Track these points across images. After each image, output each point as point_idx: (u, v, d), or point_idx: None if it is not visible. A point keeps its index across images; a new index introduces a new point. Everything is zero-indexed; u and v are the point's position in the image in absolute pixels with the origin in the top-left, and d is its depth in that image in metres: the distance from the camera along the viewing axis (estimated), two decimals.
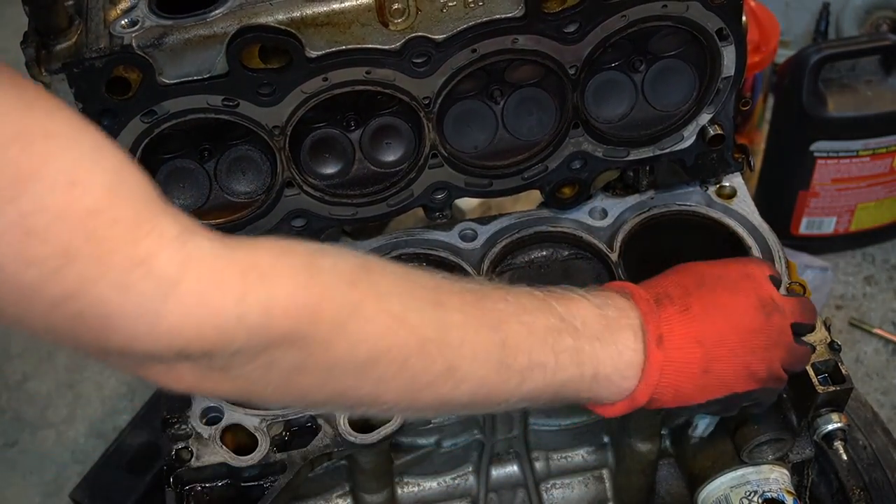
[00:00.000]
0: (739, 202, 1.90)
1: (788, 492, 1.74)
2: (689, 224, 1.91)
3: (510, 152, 1.82)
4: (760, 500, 1.72)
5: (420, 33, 1.60)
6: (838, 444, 1.70)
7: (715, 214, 1.89)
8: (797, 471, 1.86)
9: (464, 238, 1.87)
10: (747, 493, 1.73)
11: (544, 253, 1.89)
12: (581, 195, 1.88)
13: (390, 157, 1.79)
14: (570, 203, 1.89)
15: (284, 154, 1.69)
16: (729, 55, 1.76)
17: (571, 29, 1.65)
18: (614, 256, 1.84)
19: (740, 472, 1.75)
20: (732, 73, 1.78)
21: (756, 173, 3.09)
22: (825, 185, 2.92)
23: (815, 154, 2.85)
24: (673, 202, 1.91)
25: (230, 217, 1.75)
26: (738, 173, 1.94)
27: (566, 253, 1.88)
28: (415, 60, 1.62)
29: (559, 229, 1.88)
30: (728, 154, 1.88)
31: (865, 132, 2.81)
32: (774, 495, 1.72)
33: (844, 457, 1.72)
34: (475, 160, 1.80)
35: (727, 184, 1.92)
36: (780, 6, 3.33)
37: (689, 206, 1.91)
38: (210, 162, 1.74)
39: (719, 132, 1.83)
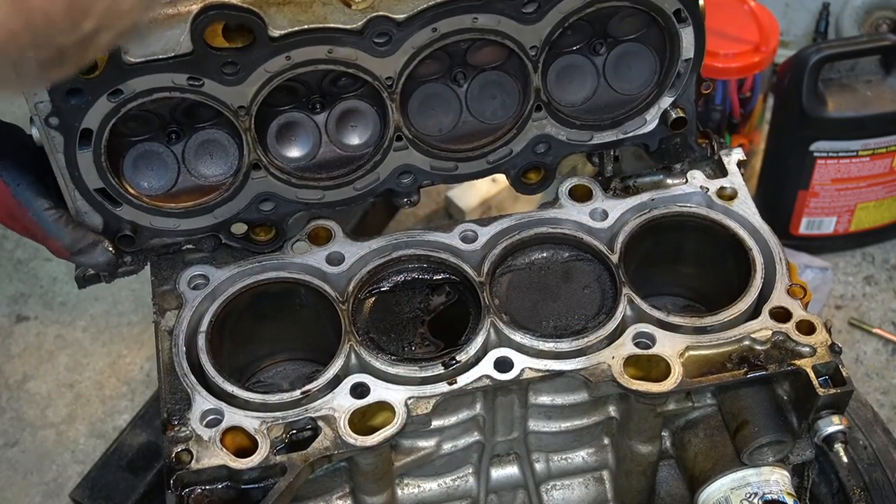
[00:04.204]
0: (740, 204, 1.90)
1: (789, 493, 1.74)
2: (690, 226, 1.91)
3: (475, 135, 1.84)
4: (761, 502, 1.72)
5: (381, 13, 1.62)
6: (839, 447, 1.70)
7: (715, 216, 1.89)
8: (797, 472, 1.86)
9: (464, 239, 1.87)
10: (748, 495, 1.73)
11: (545, 254, 1.89)
12: (547, 180, 1.90)
13: (356, 140, 1.81)
14: (536, 188, 1.91)
15: (250, 135, 1.70)
16: (688, 37, 1.77)
17: (530, 9, 1.67)
18: (615, 258, 1.83)
19: (741, 473, 1.75)
20: (692, 56, 1.79)
21: (756, 173, 3.09)
22: (825, 185, 2.92)
23: (815, 154, 2.85)
24: (673, 203, 1.91)
25: (199, 200, 1.76)
26: (738, 173, 1.94)
27: (567, 254, 1.88)
28: (376, 40, 1.64)
29: (560, 231, 1.88)
30: (692, 139, 1.90)
31: (865, 132, 2.81)
32: (775, 497, 1.72)
33: (845, 459, 1.72)
34: (440, 143, 1.82)
35: (728, 185, 1.92)
36: (780, 6, 3.34)
37: (690, 207, 1.91)
38: (178, 145, 1.76)
39: (681, 115, 1.85)
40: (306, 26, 1.61)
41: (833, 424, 1.69)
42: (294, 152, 1.80)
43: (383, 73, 1.69)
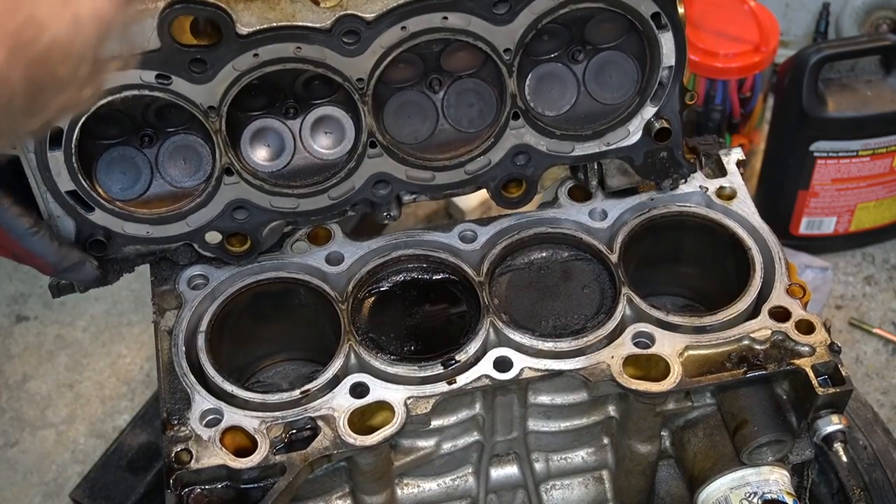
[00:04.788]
0: (739, 203, 1.90)
1: (788, 493, 1.74)
2: (689, 225, 1.91)
3: (452, 144, 1.82)
4: (760, 502, 1.72)
5: (350, 11, 1.62)
6: (838, 446, 1.70)
7: (715, 216, 1.89)
8: (797, 472, 1.86)
9: (463, 239, 1.87)
10: (747, 495, 1.73)
11: (544, 254, 1.89)
12: (528, 194, 1.87)
13: (330, 148, 1.80)
14: (518, 202, 1.88)
15: (221, 137, 1.70)
16: (667, 43, 1.75)
17: (501, 10, 1.66)
18: (614, 258, 1.84)
19: (740, 473, 1.75)
20: (673, 63, 1.77)
21: (756, 173, 3.09)
22: (825, 185, 2.92)
23: (815, 154, 2.85)
24: (673, 203, 1.91)
25: (172, 206, 1.76)
26: (738, 173, 1.94)
27: (566, 254, 1.88)
28: (345, 39, 1.63)
29: (559, 230, 1.88)
30: (678, 153, 1.87)
31: (865, 132, 2.81)
32: (774, 496, 1.72)
33: (845, 458, 1.72)
34: (416, 151, 1.80)
35: (727, 185, 1.92)
36: (780, 6, 3.34)
37: (690, 207, 1.91)
38: (151, 149, 1.76)
39: (665, 126, 1.81)
40: (274, 24, 1.61)
41: (832, 424, 1.69)
42: (267, 158, 1.79)
43: (353, 73, 1.67)
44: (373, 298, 1.83)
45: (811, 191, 2.94)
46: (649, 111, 1.81)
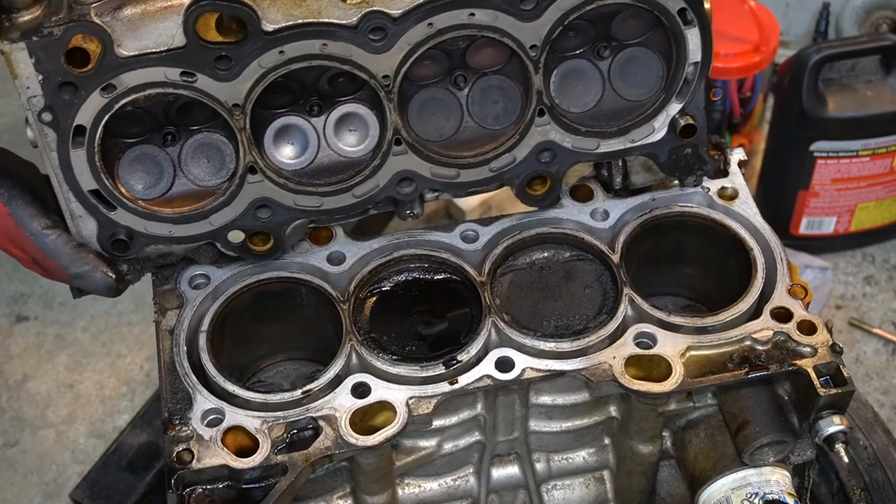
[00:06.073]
0: (741, 203, 1.90)
1: (790, 493, 1.74)
2: (691, 225, 1.91)
3: (477, 141, 1.81)
4: (761, 502, 1.72)
5: (376, 7, 1.61)
6: (839, 447, 1.70)
7: (716, 216, 1.89)
8: (798, 472, 1.86)
9: (465, 239, 1.87)
10: (748, 495, 1.73)
11: (546, 254, 1.89)
12: (553, 192, 1.87)
13: (355, 145, 1.79)
14: (542, 200, 1.88)
15: (245, 135, 1.69)
16: (693, 39, 1.75)
17: (528, 6, 1.66)
18: (616, 258, 1.83)
19: (741, 473, 1.75)
20: (699, 59, 1.77)
21: (756, 173, 3.09)
22: (825, 185, 2.92)
23: (815, 154, 2.86)
24: (674, 203, 1.91)
25: (194, 205, 1.75)
26: (739, 173, 1.94)
27: (568, 254, 1.88)
28: (371, 36, 1.63)
29: (561, 230, 1.88)
30: (703, 150, 1.87)
31: (865, 132, 2.81)
32: (776, 497, 1.72)
33: (846, 459, 1.72)
34: (441, 149, 1.80)
35: (728, 185, 1.92)
36: (780, 6, 3.34)
37: (691, 207, 1.91)
38: (174, 147, 1.75)
39: (690, 122, 1.81)
40: (300, 20, 1.60)
41: (834, 424, 1.69)
42: (291, 156, 1.78)
43: (379, 70, 1.67)
44: (374, 298, 1.83)
45: (811, 191, 2.94)
46: (674, 108, 1.81)
